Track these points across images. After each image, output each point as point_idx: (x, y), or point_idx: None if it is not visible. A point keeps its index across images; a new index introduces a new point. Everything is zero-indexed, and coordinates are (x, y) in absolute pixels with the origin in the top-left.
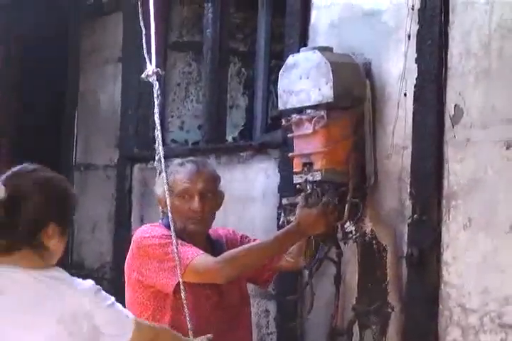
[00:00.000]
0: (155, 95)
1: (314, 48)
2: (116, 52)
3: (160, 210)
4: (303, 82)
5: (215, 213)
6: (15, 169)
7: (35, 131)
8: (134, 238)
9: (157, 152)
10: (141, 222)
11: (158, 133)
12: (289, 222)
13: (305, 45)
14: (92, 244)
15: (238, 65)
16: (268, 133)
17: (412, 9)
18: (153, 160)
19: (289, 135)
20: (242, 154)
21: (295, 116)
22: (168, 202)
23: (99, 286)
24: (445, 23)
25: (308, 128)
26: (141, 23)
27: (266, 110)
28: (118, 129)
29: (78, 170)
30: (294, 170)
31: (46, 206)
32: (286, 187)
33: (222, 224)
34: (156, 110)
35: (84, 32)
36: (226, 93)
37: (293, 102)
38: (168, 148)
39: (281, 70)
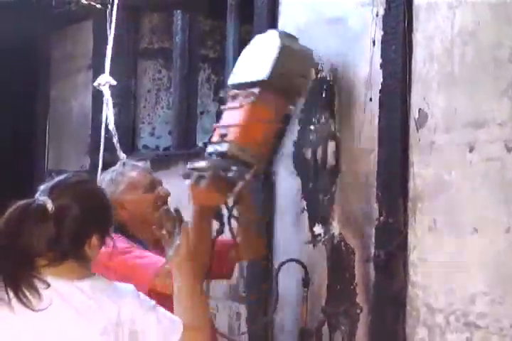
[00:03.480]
0: (104, 104)
1: (280, 31)
2: (87, 60)
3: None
4: (254, 59)
5: None
6: (58, 180)
7: (9, 139)
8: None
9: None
10: None
11: (102, 140)
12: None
13: None
14: None
15: (208, 71)
16: None
17: (377, 16)
18: None
19: (222, 107)
20: None
21: (233, 90)
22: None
23: (138, 291)
24: (409, 29)
25: (237, 103)
26: (108, 31)
27: None
28: (89, 136)
29: (50, 177)
30: (211, 140)
31: (88, 218)
32: (256, 190)
33: None
34: (109, 118)
35: (55, 41)
36: (196, 99)
37: (239, 78)
38: (140, 153)
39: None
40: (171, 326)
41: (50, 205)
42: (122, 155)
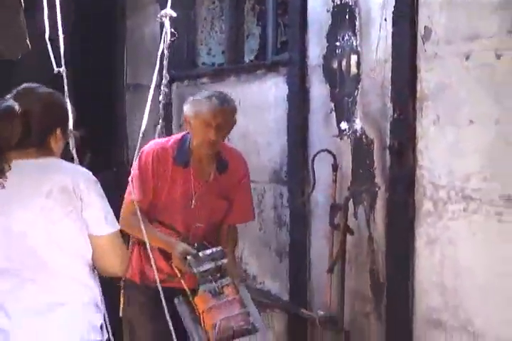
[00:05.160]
0: (163, 35)
1: None
2: None
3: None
4: None
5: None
6: (21, 87)
7: (93, 59)
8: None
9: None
10: (180, 127)
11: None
12: None
13: None
14: None
15: (252, 1)
16: (278, 55)
17: None
18: (187, 79)
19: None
20: (257, 72)
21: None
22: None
23: (96, 179)
24: None
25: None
26: None
27: (276, 37)
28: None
29: (128, 90)
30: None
31: (50, 114)
32: (293, 96)
33: (245, 126)
34: (166, 50)
35: None
36: (243, 24)
37: None
38: (200, 69)
39: None
40: (109, 219)
41: (16, 107)
42: (166, 76)
